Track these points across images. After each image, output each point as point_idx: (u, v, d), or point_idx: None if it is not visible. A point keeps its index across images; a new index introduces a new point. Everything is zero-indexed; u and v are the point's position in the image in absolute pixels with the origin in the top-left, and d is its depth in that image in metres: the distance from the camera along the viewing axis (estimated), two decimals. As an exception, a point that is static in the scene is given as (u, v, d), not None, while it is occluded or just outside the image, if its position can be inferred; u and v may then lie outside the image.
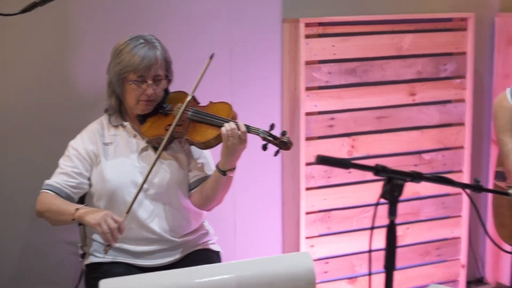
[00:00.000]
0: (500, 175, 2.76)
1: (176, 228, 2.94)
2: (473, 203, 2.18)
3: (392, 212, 1.98)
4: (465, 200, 4.12)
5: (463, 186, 2.11)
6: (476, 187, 2.14)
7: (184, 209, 2.95)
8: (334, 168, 3.70)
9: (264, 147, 2.79)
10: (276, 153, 2.79)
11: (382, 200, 1.97)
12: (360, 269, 3.94)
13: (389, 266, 2.01)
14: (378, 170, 1.94)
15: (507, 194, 2.30)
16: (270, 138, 2.77)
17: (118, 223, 2.62)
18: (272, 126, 2.80)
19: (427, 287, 2.11)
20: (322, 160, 1.87)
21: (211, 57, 2.89)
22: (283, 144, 2.78)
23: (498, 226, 2.83)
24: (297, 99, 3.66)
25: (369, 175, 2.24)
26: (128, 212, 2.71)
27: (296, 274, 2.29)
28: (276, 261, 2.34)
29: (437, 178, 2.08)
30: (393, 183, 1.96)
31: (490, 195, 3.44)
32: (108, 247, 2.66)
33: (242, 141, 2.74)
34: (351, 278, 3.94)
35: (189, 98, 2.87)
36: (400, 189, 1.97)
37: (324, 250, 3.86)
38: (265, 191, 3.86)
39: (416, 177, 2.00)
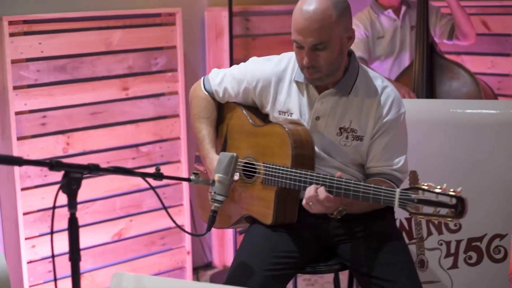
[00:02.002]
0: (199, 159, 2.89)
1: None
2: (155, 192, 2.28)
3: (72, 205, 2.02)
4: (185, 190, 4.26)
5: (143, 175, 2.19)
6: (156, 175, 2.24)
7: None
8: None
9: None
10: None
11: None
12: (86, 265, 3.94)
13: (74, 258, 2.06)
14: (52, 165, 1.96)
15: (189, 180, 2.42)
16: None
17: None
18: None
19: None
20: (-10, 158, 1.87)
21: None
22: None
23: (200, 208, 2.96)
24: (5, 99, 3.59)
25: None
26: None
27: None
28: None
29: (116, 169, 2.14)
30: (70, 177, 2.00)
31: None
32: None
33: None
34: (77, 275, 3.94)
35: None
36: (78, 182, 2.01)
37: (47, 250, 3.82)
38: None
39: (93, 169, 2.05)
